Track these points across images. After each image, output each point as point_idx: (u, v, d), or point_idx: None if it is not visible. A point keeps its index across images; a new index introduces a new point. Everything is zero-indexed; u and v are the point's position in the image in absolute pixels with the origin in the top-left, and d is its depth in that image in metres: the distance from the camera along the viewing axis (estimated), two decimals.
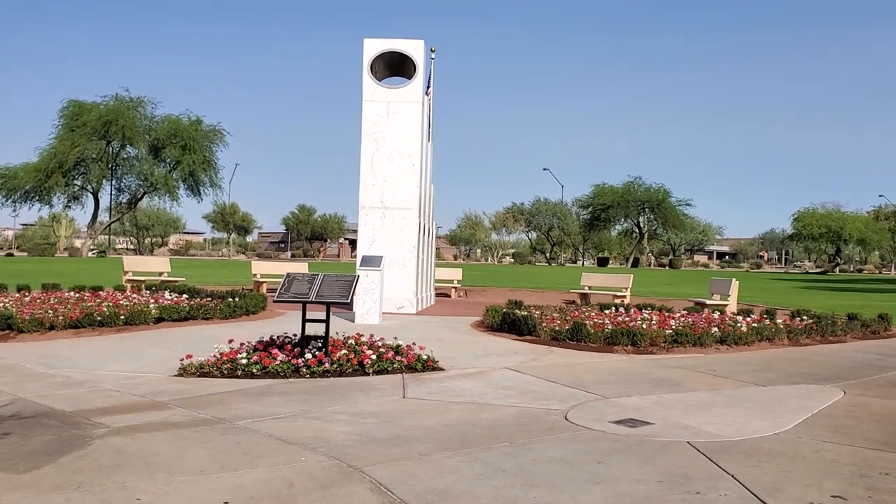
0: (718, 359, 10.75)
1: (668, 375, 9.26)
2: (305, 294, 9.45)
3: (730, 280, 17.84)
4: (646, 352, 11.04)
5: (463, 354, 10.55)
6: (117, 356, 9.96)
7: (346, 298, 9.42)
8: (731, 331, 11.92)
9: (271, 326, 12.78)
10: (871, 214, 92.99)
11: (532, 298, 24.90)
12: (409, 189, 15.78)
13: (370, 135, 15.78)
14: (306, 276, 9.81)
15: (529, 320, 11.92)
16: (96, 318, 12.11)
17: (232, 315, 13.57)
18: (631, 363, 10.22)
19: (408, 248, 15.69)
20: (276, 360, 9.10)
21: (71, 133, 60.21)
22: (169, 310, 12.76)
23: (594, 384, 8.55)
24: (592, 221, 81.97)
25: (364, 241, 15.62)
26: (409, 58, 15.79)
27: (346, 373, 8.97)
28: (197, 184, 66.44)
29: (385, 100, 15.81)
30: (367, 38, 15.77)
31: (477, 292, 26.68)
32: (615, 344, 11.25)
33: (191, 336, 11.63)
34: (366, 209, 15.74)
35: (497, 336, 12.44)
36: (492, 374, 9.13)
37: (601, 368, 9.70)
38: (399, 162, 15.77)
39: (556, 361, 10.14)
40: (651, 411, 7.17)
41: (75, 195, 65.21)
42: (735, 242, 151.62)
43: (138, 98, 64.07)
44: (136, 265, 21.08)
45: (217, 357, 9.24)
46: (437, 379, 8.74)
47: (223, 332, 11.93)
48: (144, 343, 11.01)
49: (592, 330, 11.54)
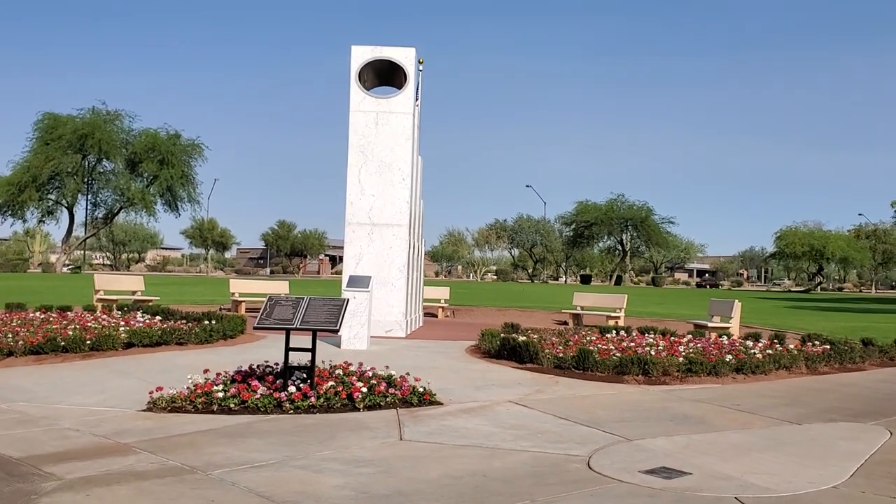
0: (737, 390, 9.93)
1: (689, 411, 8.43)
2: (289, 320, 8.54)
3: (732, 301, 17.06)
4: (658, 382, 10.21)
5: (461, 385, 9.67)
6: (81, 387, 9.02)
7: (335, 325, 8.52)
8: (747, 359, 11.12)
9: (251, 353, 11.84)
10: (851, 233, 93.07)
11: (522, 319, 24.08)
12: (399, 204, 14.80)
13: (358, 147, 14.80)
14: (290, 299, 8.91)
15: (531, 347, 11.05)
16: (60, 342, 11.12)
17: (208, 340, 12.59)
18: (645, 395, 9.38)
19: (397, 268, 14.70)
20: (257, 394, 8.20)
21: (45, 146, 58.86)
22: (139, 334, 11.77)
23: (612, 422, 7.70)
24: (575, 238, 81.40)
25: (350, 260, 14.63)
26: (399, 66, 14.86)
27: (333, 408, 8.08)
28: (175, 199, 65.20)
29: (374, 110, 14.84)
30: (354, 46, 14.83)
31: (464, 312, 25.82)
32: (625, 373, 10.41)
33: (162, 364, 10.67)
34: (352, 226, 14.74)
35: (495, 363, 11.56)
36: (496, 410, 8.26)
37: (614, 402, 8.86)
38: (388, 176, 14.79)
39: (564, 394, 9.28)
40: (684, 457, 6.32)
41: (49, 210, 63.76)
42: (715, 260, 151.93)
43: (115, 111, 62.88)
44: (107, 284, 19.97)
45: (191, 389, 8.33)
46: (436, 415, 7.86)
47: (198, 359, 11.01)
48: (111, 372, 10.05)
49: (599, 358, 10.70)
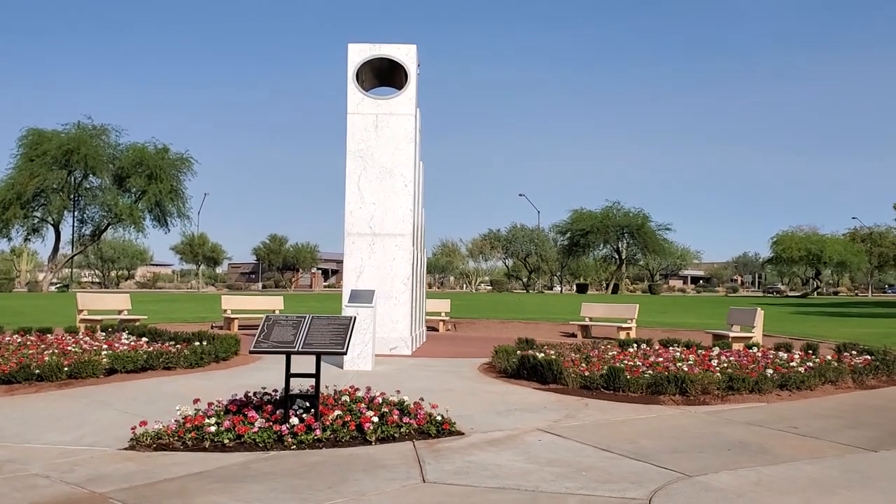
0: (787, 409, 8.95)
1: (744, 436, 7.45)
2: (290, 342, 7.54)
3: (754, 310, 16.10)
4: (698, 402, 9.22)
5: (481, 410, 8.67)
6: (55, 421, 7.99)
7: (341, 347, 7.52)
8: (790, 373, 10.15)
9: (246, 377, 10.82)
10: (846, 236, 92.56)
11: (528, 332, 23.08)
12: (402, 213, 13.79)
13: (356, 152, 13.78)
14: (290, 318, 7.90)
15: (554, 365, 10.05)
16: (34, 370, 10.08)
17: (198, 363, 11.53)
18: (688, 418, 8.40)
19: (401, 281, 13.67)
20: (254, 427, 7.21)
21: (30, 163, 57.49)
22: (122, 359, 10.72)
23: (662, 453, 6.71)
24: (571, 247, 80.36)
25: (351, 273, 13.59)
26: (399, 65, 13.87)
27: (342, 441, 7.10)
28: (164, 214, 63.89)
29: (373, 112, 13.82)
30: (351, 44, 13.81)
31: (466, 325, 24.80)
32: (660, 393, 9.43)
33: (148, 392, 9.64)
34: (352, 236, 13.70)
35: (514, 384, 10.56)
36: (525, 441, 7.26)
37: (657, 428, 7.87)
38: (389, 182, 13.78)
39: (598, 419, 8.29)
40: (760, 498, 5.35)
41: (35, 227, 62.33)
42: (709, 267, 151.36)
43: (101, 126, 61.56)
44: (91, 303, 18.87)
45: (179, 423, 7.33)
46: (460, 449, 6.86)
47: (187, 385, 9.98)
48: (91, 402, 9.01)
49: (630, 376, 9.72)
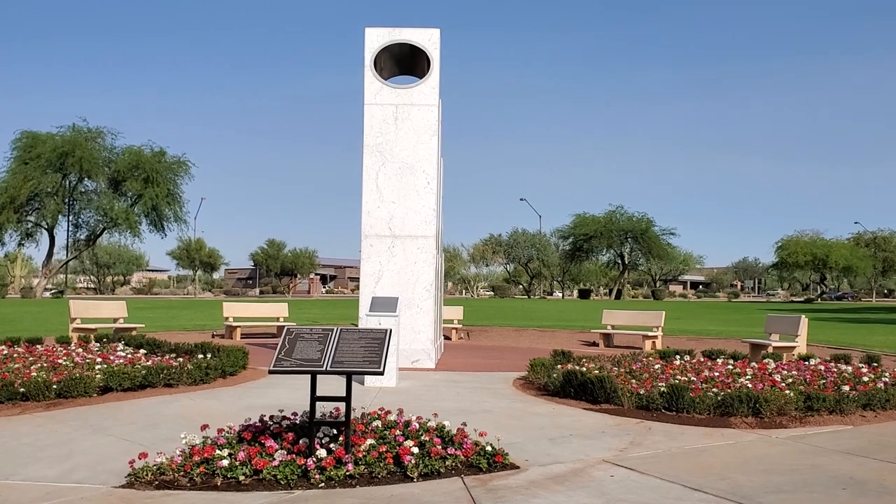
0: (882, 434, 7.82)
1: (852, 471, 6.31)
2: (317, 360, 6.40)
3: (798, 317, 14.97)
4: (774, 424, 8.10)
5: (531, 437, 7.53)
6: (40, 451, 6.84)
7: (378, 366, 6.38)
8: (869, 390, 9.02)
9: (257, 395, 9.67)
10: (850, 241, 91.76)
11: (545, 340, 21.99)
12: (424, 213, 12.64)
13: (374, 147, 12.61)
14: (315, 331, 6.76)
15: (607, 383, 8.90)
16: (18, 388, 8.93)
17: (203, 379, 10.36)
18: (772, 446, 7.27)
19: (423, 287, 12.49)
20: (274, 460, 6.10)
21: (24, 166, 56.39)
22: (118, 376, 9.53)
23: (766, 493, 5.58)
24: (574, 252, 79.19)
25: (368, 279, 12.43)
26: (420, 51, 12.74)
27: (378, 477, 5.99)
28: (160, 218, 62.74)
29: (392, 102, 12.67)
30: (369, 28, 12.67)
31: (478, 333, 23.65)
32: (730, 414, 8.30)
33: (148, 414, 8.48)
34: (370, 238, 12.53)
35: (559, 403, 9.41)
36: (595, 477, 6.11)
37: (743, 459, 6.74)
38: (411, 179, 12.62)
39: (670, 447, 7.15)
40: None
41: (29, 232, 61.14)
42: (708, 272, 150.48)
43: (97, 129, 60.46)
44: (84, 311, 17.67)
45: (185, 454, 6.21)
46: (520, 488, 5.72)
47: (192, 406, 8.84)
48: (82, 427, 7.87)
49: (694, 395, 8.58)
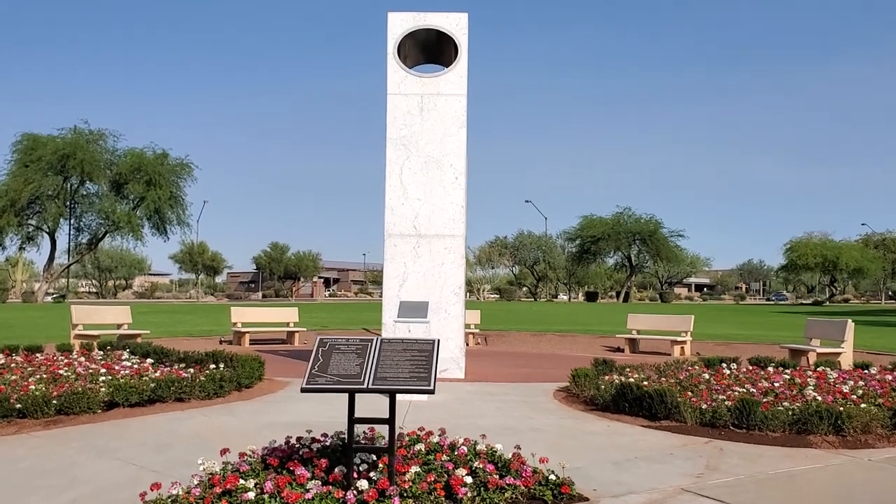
0: None
1: None
2: (356, 377, 5.52)
3: (844, 322, 14.07)
4: (860, 444, 7.22)
5: (593, 460, 6.64)
6: (37, 478, 5.98)
7: (427, 383, 5.50)
8: None
9: (277, 410, 8.79)
10: (859, 243, 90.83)
11: (565, 345, 21.12)
12: (452, 210, 11.74)
13: (398, 139, 11.73)
14: (352, 343, 5.88)
15: (668, 397, 8.01)
16: (14, 404, 8.06)
17: (217, 392, 9.46)
18: (870, 470, 6.38)
19: (451, 290, 11.59)
20: (307, 492, 5.24)
21: (25, 169, 55.43)
22: (125, 390, 8.64)
23: None
24: (581, 254, 78.21)
25: (392, 281, 11.55)
26: (447, 37, 11.85)
27: None
28: (163, 221, 61.73)
29: (418, 92, 11.80)
30: (392, 12, 11.79)
31: (496, 338, 22.75)
32: (808, 432, 7.43)
33: (159, 433, 7.60)
34: (394, 238, 11.65)
35: (613, 419, 8.51)
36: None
37: (844, 486, 5.85)
38: (437, 174, 11.73)
39: (752, 472, 6.26)
40: None
41: (30, 236, 60.15)
42: (713, 274, 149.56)
43: (99, 131, 59.51)
44: (87, 317, 16.79)
45: (204, 483, 5.37)
46: None
47: (208, 423, 7.96)
48: (85, 448, 6.99)
49: (766, 410, 7.71)
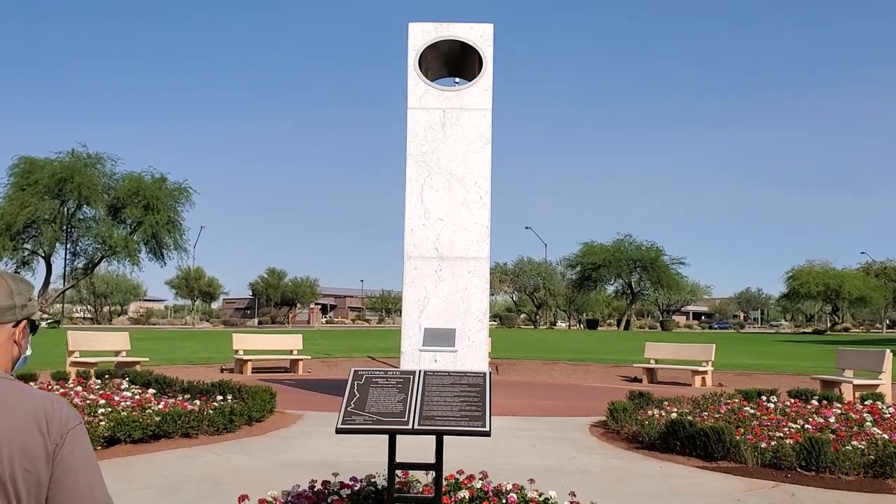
0: None
1: None
2: (399, 416, 4.81)
3: (882, 352, 13.40)
4: None
5: None
6: None
7: (483, 424, 4.79)
8: None
9: (294, 448, 8.03)
10: (859, 271, 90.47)
11: (578, 375, 20.38)
12: (476, 231, 11.02)
13: (419, 156, 11.05)
14: (391, 375, 5.18)
15: (726, 436, 7.29)
16: None
17: (227, 427, 8.68)
18: None
19: (475, 317, 10.86)
20: None
21: (21, 192, 54.79)
22: (128, 424, 7.86)
23: None
24: (581, 281, 77.51)
25: (412, 307, 10.83)
26: (470, 49, 11.24)
27: None
28: (160, 246, 60.98)
29: (440, 107, 11.14)
30: (413, 23, 11.18)
31: (506, 366, 21.98)
32: (885, 475, 6.72)
33: (165, 475, 6.83)
34: (414, 260, 10.94)
35: (663, 459, 7.77)
36: None
37: None
38: (461, 193, 11.02)
39: None
40: None
41: (25, 260, 59.39)
42: (711, 302, 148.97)
43: (96, 154, 58.94)
44: (84, 343, 16.01)
45: None
46: None
47: (219, 463, 7.20)
48: None
49: (835, 451, 7.00)
